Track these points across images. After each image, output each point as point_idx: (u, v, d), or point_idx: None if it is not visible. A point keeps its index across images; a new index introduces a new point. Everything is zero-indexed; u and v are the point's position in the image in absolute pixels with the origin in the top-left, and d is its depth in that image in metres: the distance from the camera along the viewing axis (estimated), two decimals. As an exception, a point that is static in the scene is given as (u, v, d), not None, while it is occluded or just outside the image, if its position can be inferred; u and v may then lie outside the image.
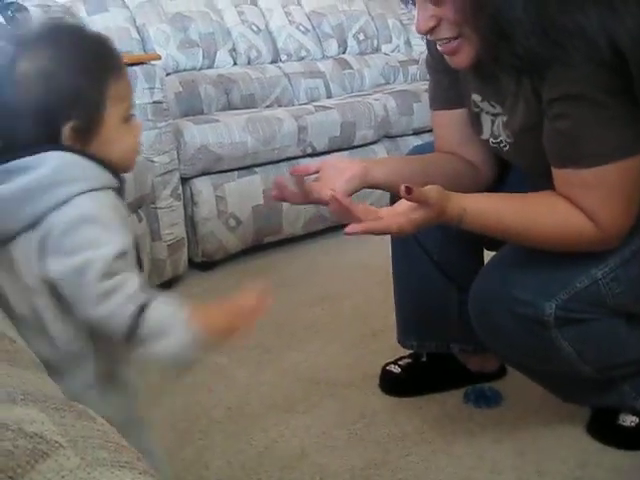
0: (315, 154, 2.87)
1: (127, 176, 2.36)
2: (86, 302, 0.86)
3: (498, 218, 1.21)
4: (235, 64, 3.35)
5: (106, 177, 0.92)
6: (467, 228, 1.21)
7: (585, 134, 1.15)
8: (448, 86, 1.43)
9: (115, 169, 0.94)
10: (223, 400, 1.69)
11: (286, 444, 1.50)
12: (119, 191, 0.95)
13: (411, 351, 1.71)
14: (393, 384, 1.69)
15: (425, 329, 1.65)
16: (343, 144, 2.95)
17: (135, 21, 3.14)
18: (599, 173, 1.15)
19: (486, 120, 1.38)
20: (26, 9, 2.67)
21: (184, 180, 2.56)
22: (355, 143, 3.00)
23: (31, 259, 0.88)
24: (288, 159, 2.81)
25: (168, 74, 2.99)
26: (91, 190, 0.89)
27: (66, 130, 0.89)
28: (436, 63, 1.41)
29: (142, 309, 0.85)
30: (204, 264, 2.67)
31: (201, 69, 3.23)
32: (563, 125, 1.16)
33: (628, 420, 1.41)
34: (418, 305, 1.64)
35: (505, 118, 1.31)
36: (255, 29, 3.41)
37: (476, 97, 1.37)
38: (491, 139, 1.37)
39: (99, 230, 0.87)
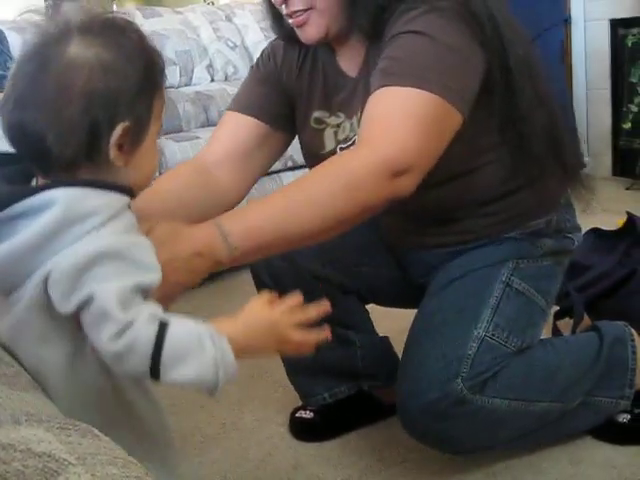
0: (296, 167, 2.87)
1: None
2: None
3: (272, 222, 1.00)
4: (212, 80, 3.36)
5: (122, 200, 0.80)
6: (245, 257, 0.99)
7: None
8: (277, 102, 1.38)
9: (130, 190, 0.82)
10: (216, 416, 1.68)
11: (281, 456, 1.50)
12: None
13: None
14: (307, 430, 1.59)
15: (330, 379, 1.55)
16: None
17: (111, 41, 3.15)
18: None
19: (329, 134, 1.34)
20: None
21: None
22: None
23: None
24: (270, 173, 2.81)
25: (146, 93, 3.00)
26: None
27: (116, 133, 0.77)
28: (267, 76, 1.39)
29: (164, 327, 0.74)
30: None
31: (179, 87, 3.24)
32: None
33: (620, 417, 1.42)
34: (317, 362, 1.47)
35: (359, 114, 1.25)
36: (231, 45, 3.44)
37: (321, 114, 1.35)
38: (339, 146, 1.33)
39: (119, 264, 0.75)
